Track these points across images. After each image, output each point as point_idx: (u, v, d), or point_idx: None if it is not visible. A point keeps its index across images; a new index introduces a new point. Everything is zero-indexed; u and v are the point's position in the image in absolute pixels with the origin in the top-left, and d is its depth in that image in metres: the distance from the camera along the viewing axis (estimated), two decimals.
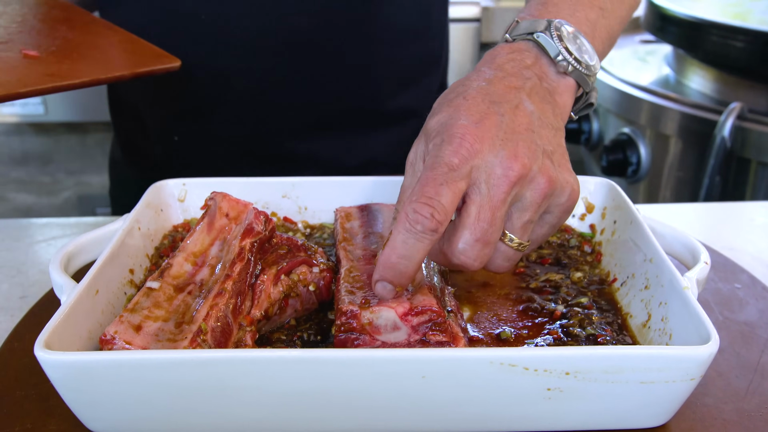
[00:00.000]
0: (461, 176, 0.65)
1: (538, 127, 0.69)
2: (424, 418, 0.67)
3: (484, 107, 0.68)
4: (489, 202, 0.66)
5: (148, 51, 0.96)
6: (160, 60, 0.93)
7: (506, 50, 0.75)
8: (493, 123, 0.67)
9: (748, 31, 1.67)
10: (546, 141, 0.69)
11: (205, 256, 0.76)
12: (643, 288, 0.79)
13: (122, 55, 0.95)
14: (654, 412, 0.67)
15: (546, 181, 0.67)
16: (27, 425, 0.69)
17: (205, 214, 0.80)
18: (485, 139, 0.66)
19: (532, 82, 0.72)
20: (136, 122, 1.28)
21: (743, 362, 0.78)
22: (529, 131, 0.68)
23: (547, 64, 0.74)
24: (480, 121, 0.67)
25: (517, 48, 0.75)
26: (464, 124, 0.67)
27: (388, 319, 0.69)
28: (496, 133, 0.67)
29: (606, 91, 1.93)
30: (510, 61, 0.74)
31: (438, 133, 0.68)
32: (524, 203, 0.68)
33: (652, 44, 2.22)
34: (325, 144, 1.21)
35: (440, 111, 0.70)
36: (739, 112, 1.62)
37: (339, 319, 0.70)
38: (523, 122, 0.68)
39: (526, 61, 0.74)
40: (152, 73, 0.92)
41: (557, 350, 0.64)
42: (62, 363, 0.62)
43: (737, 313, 0.87)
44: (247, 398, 0.64)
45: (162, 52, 0.95)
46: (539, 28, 0.75)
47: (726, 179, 1.66)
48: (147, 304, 0.71)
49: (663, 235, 0.84)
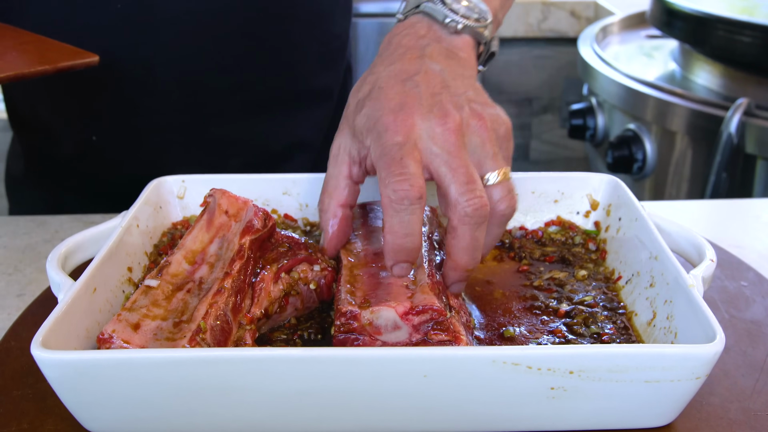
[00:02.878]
0: (411, 147, 0.70)
1: (451, 80, 0.75)
2: (426, 418, 0.66)
3: (399, 88, 0.74)
4: (449, 154, 0.70)
5: (62, 49, 0.94)
6: (78, 55, 0.92)
7: (400, 29, 0.81)
8: (413, 98, 0.73)
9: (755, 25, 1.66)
10: (462, 89, 0.75)
11: (205, 254, 0.76)
12: (648, 286, 0.78)
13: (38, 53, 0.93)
14: (659, 412, 0.67)
15: (479, 120, 0.73)
16: (24, 425, 0.68)
17: (204, 212, 0.79)
18: (414, 113, 0.72)
19: (431, 47, 0.78)
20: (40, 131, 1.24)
21: (750, 361, 0.77)
22: (445, 87, 0.74)
23: (439, 29, 0.80)
24: (402, 103, 0.72)
25: (409, 24, 0.81)
26: (389, 112, 0.72)
27: (388, 319, 0.68)
28: (419, 104, 0.72)
29: (611, 86, 1.92)
30: (405, 36, 0.80)
31: (370, 129, 0.73)
32: (476, 144, 0.73)
33: (658, 39, 2.20)
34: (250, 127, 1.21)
35: (363, 106, 0.75)
36: (746, 107, 1.61)
37: (338, 320, 0.69)
38: (436, 82, 0.74)
39: (419, 32, 0.80)
40: (73, 68, 0.91)
41: (561, 349, 0.63)
42: (59, 362, 0.61)
43: (744, 311, 0.86)
44: (247, 398, 0.63)
45: (77, 49, 0.94)
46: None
47: (733, 176, 1.65)
48: (145, 302, 0.70)
49: (668, 233, 0.83)
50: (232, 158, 1.20)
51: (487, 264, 0.89)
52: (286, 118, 1.23)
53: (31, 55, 0.92)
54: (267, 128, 1.22)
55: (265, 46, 1.16)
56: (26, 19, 1.04)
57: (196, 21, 1.10)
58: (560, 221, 0.95)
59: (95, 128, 1.18)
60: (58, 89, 1.16)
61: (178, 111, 1.16)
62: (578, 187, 0.95)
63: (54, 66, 0.90)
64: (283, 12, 1.16)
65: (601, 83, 1.96)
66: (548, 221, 0.95)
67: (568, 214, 0.95)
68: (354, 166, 0.77)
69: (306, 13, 1.19)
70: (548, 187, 0.95)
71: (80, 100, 1.17)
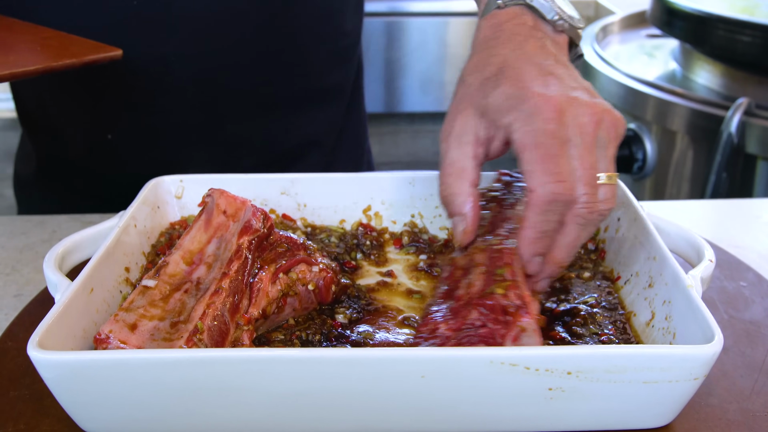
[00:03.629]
0: (563, 139, 0.69)
1: (573, 71, 0.75)
2: (424, 419, 0.66)
3: (537, 69, 0.72)
4: (585, 149, 0.69)
5: (85, 43, 0.94)
6: (101, 50, 0.92)
7: (505, 17, 0.79)
8: (556, 81, 0.72)
9: (755, 25, 1.66)
10: (581, 81, 0.75)
11: (202, 254, 0.76)
12: (647, 286, 0.78)
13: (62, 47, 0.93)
14: (657, 412, 0.67)
15: (612, 117, 0.72)
16: (20, 426, 0.68)
17: (202, 212, 0.79)
18: (562, 97, 0.70)
19: (545, 39, 0.78)
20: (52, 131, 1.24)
21: (748, 362, 0.77)
22: (573, 78, 0.74)
23: (543, 24, 0.79)
24: (545, 84, 0.71)
25: (513, 13, 0.79)
26: (537, 91, 0.70)
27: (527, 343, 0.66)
28: (563, 87, 0.71)
29: (612, 86, 1.92)
30: (516, 26, 0.78)
31: (512, 108, 0.70)
32: (603, 140, 0.71)
33: (658, 39, 2.20)
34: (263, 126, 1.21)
35: (498, 84, 0.72)
36: (746, 107, 1.61)
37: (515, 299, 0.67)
38: (566, 73, 0.74)
39: (528, 23, 0.78)
40: (97, 61, 0.90)
41: (559, 350, 0.63)
42: (56, 363, 0.61)
43: (743, 311, 0.86)
44: (244, 398, 0.63)
45: (99, 44, 0.94)
46: None
47: (733, 176, 1.65)
48: (142, 302, 0.70)
49: (667, 233, 0.83)
50: (245, 157, 1.20)
51: None
52: (299, 116, 1.23)
53: (55, 49, 0.92)
54: (280, 126, 1.22)
55: (278, 44, 1.16)
56: (40, 17, 1.04)
57: (212, 20, 1.10)
58: None
59: (110, 126, 1.19)
60: (75, 87, 1.16)
61: (193, 110, 1.16)
62: None
63: (80, 59, 0.89)
64: (297, 10, 1.16)
65: (601, 83, 1.96)
66: None
67: None
68: (480, 147, 0.74)
69: (318, 10, 1.18)
70: None
71: (97, 97, 1.17)
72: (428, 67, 3.02)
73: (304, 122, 1.25)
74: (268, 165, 1.07)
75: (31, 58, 0.89)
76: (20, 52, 0.92)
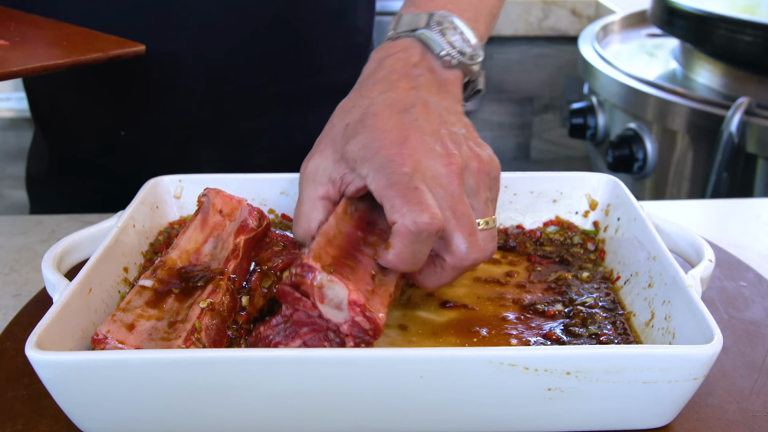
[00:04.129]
0: (421, 179, 0.68)
1: (447, 116, 0.74)
2: (422, 419, 0.66)
3: (397, 119, 0.71)
4: (453, 199, 0.69)
5: (108, 39, 0.95)
6: (125, 45, 0.93)
7: (391, 50, 0.79)
8: (415, 132, 0.70)
9: (756, 24, 1.66)
10: (458, 126, 0.74)
11: (199, 254, 0.75)
12: (646, 286, 0.78)
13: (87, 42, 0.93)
14: (657, 413, 0.66)
15: (477, 162, 0.72)
16: (18, 426, 0.68)
17: (199, 211, 0.79)
18: (418, 148, 0.69)
19: (424, 77, 0.76)
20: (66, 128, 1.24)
21: (748, 362, 0.77)
22: (443, 124, 0.73)
23: (432, 59, 0.78)
24: (405, 136, 0.70)
25: (402, 46, 0.78)
26: (393, 144, 0.69)
27: (336, 296, 0.66)
28: (422, 139, 0.70)
29: (612, 85, 1.91)
30: (398, 61, 0.77)
31: (367, 159, 0.70)
32: (472, 188, 0.71)
33: (658, 38, 2.20)
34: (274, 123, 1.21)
35: (357, 133, 0.72)
36: (747, 107, 1.61)
37: (295, 269, 0.66)
38: (435, 119, 0.73)
39: (412, 59, 0.77)
40: (122, 56, 0.91)
41: (558, 350, 0.63)
42: (53, 363, 0.61)
43: (743, 311, 0.85)
44: (243, 398, 0.63)
45: (122, 39, 0.94)
46: (421, 24, 0.78)
47: (733, 175, 1.64)
48: (140, 302, 0.70)
49: (667, 233, 0.83)
50: (257, 154, 1.20)
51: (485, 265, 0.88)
52: (311, 112, 1.22)
53: (81, 44, 0.93)
54: (292, 123, 1.22)
55: (290, 41, 1.16)
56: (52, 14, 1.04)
57: (223, 16, 1.10)
58: (559, 221, 0.94)
59: (123, 123, 1.19)
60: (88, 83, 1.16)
61: (204, 107, 1.16)
62: (577, 186, 0.94)
63: (106, 54, 0.90)
64: (308, 6, 1.16)
65: (601, 82, 1.95)
66: (547, 221, 0.95)
67: (567, 213, 0.95)
68: (333, 189, 0.74)
69: (329, 6, 1.19)
70: (547, 186, 0.95)
71: (108, 94, 1.17)
72: None
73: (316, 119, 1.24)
74: (280, 162, 1.07)
75: (58, 52, 0.90)
76: (48, 46, 0.93)
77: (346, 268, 0.69)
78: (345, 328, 0.66)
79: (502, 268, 0.87)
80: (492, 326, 0.76)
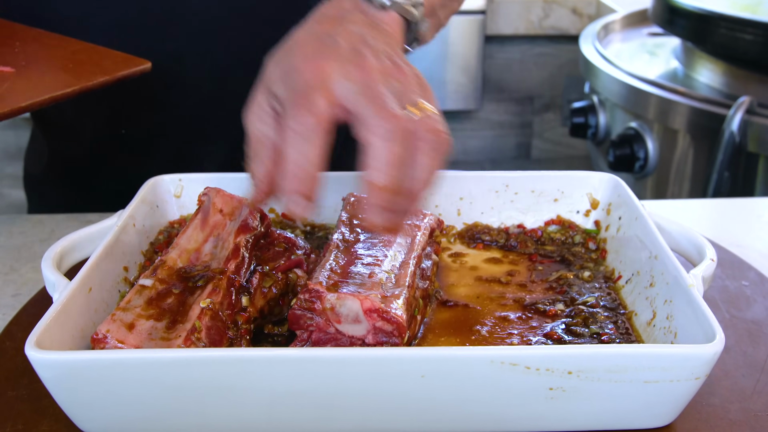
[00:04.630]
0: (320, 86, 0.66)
1: (372, 39, 0.71)
2: (424, 418, 0.65)
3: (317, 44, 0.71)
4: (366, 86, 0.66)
5: (114, 56, 0.94)
6: (131, 63, 0.92)
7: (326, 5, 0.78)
8: (330, 48, 0.69)
9: (758, 23, 1.65)
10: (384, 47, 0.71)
11: (199, 253, 0.75)
12: (648, 285, 0.78)
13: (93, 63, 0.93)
14: (658, 412, 0.66)
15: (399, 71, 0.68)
16: (18, 426, 0.68)
17: (199, 210, 0.78)
18: (329, 58, 0.68)
19: (353, 15, 0.75)
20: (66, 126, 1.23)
21: (750, 361, 0.77)
22: (364, 43, 0.70)
23: (364, 3, 0.76)
24: (318, 51, 0.69)
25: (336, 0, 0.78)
26: (303, 60, 0.69)
27: (351, 310, 0.67)
28: (337, 52, 0.69)
29: (613, 84, 1.91)
30: (330, 8, 0.76)
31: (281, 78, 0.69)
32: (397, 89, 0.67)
33: (660, 37, 2.20)
34: None
35: (275, 59, 0.72)
36: (748, 106, 1.60)
37: (303, 294, 0.67)
38: (356, 39, 0.71)
39: (344, 5, 0.76)
40: (129, 76, 0.91)
41: (559, 349, 0.63)
42: (53, 362, 0.61)
43: (744, 311, 0.85)
44: (242, 398, 0.63)
45: (128, 56, 0.94)
46: None
47: (735, 175, 1.64)
48: (140, 302, 0.69)
49: (669, 232, 0.83)
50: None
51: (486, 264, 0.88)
52: None
53: (87, 66, 0.92)
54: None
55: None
56: (54, 15, 1.04)
57: (226, 13, 1.10)
58: (560, 220, 0.94)
59: (125, 122, 1.18)
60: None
61: (205, 105, 1.16)
62: (578, 185, 0.94)
63: (113, 76, 0.90)
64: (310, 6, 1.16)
65: (602, 81, 1.95)
66: (548, 220, 0.95)
67: (568, 213, 0.95)
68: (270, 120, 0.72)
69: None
70: (548, 185, 0.94)
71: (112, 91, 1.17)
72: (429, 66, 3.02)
73: None
74: None
75: (65, 77, 0.90)
76: (54, 71, 0.92)
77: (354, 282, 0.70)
78: (370, 338, 0.67)
79: (503, 268, 0.87)
80: (493, 325, 0.76)
